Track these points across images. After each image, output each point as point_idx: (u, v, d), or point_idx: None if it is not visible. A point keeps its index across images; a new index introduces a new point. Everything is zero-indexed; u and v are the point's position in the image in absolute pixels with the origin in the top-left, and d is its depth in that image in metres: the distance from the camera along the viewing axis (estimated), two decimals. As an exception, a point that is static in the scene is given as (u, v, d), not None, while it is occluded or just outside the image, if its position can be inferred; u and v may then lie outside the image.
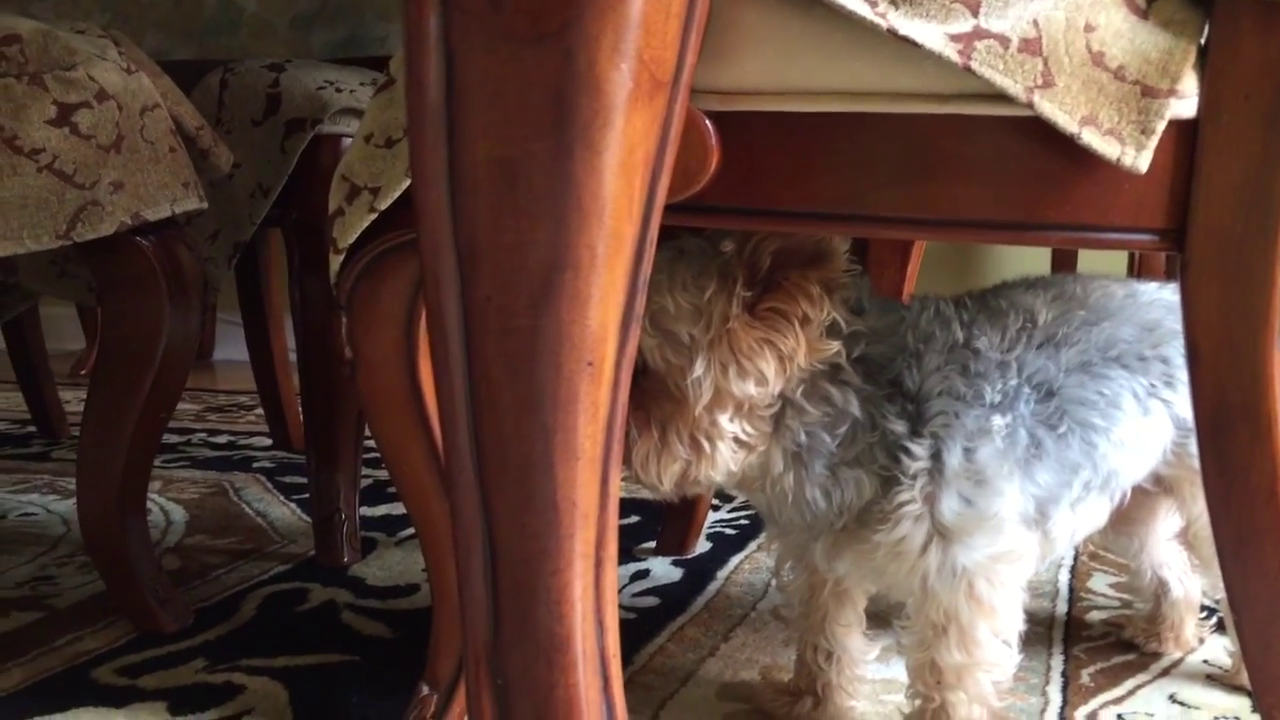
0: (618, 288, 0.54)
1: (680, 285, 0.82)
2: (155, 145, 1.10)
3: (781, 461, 0.86)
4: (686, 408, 0.83)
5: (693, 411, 0.83)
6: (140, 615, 1.18)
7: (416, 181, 0.52)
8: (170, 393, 1.16)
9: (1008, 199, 0.74)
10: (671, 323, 0.82)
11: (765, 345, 0.82)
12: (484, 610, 0.57)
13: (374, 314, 0.84)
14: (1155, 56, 0.71)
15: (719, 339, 0.81)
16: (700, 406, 0.82)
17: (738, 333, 0.82)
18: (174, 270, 1.13)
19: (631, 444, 0.83)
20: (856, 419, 0.85)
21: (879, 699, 1.03)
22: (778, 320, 0.82)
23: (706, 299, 0.82)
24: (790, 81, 0.74)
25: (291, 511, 1.63)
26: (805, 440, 0.85)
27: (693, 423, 0.83)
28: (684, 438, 0.83)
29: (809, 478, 0.86)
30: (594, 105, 0.49)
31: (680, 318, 0.82)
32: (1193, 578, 1.14)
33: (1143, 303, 0.98)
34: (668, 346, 0.82)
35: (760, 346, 0.82)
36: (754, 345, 0.82)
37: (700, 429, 0.83)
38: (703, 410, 0.83)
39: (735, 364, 0.82)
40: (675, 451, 0.83)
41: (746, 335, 0.82)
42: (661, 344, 0.82)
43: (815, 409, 0.85)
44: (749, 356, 0.82)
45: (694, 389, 0.82)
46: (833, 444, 0.85)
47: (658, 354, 0.82)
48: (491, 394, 0.54)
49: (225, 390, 2.64)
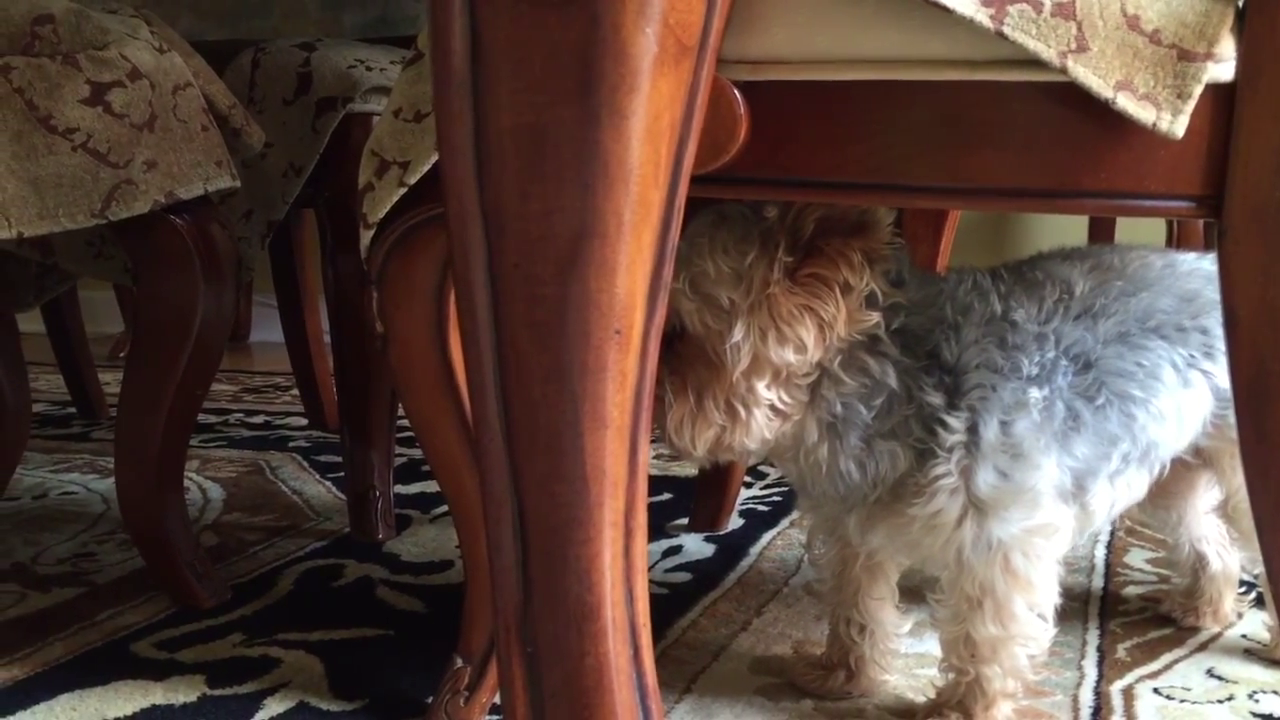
0: (645, 255, 0.53)
1: (721, 249, 0.82)
2: (188, 124, 1.11)
3: (816, 432, 0.85)
4: (724, 373, 0.82)
5: (730, 377, 0.82)
6: (178, 590, 1.20)
7: (443, 150, 0.52)
8: (205, 370, 1.17)
9: (1041, 166, 0.73)
10: (711, 286, 0.82)
11: (805, 312, 0.82)
12: (514, 579, 0.57)
13: (404, 288, 0.84)
14: (1192, 19, 0.70)
15: (759, 304, 0.81)
16: (738, 372, 0.82)
17: (778, 298, 0.81)
18: (208, 249, 1.14)
19: (666, 408, 0.83)
20: (893, 391, 0.84)
21: (912, 673, 1.03)
22: (819, 287, 0.82)
23: (748, 264, 0.81)
24: (820, 50, 0.74)
25: (327, 489, 1.64)
26: (841, 411, 0.85)
27: (730, 388, 0.83)
28: (720, 403, 0.83)
29: (844, 449, 0.86)
30: (620, 70, 0.49)
31: (720, 282, 0.81)
32: (1232, 552, 1.13)
33: (1181, 273, 0.96)
34: (707, 310, 0.82)
35: (800, 313, 0.82)
36: (794, 311, 0.81)
37: (737, 395, 0.83)
38: (740, 376, 0.82)
39: (775, 330, 0.81)
40: (710, 417, 0.83)
41: (787, 301, 0.81)
42: (701, 308, 0.82)
43: (852, 380, 0.84)
44: (789, 322, 0.81)
45: (732, 354, 0.81)
46: (868, 415, 0.85)
47: (696, 318, 0.82)
48: (519, 363, 0.54)
49: (262, 371, 2.66)
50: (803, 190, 0.78)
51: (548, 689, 0.57)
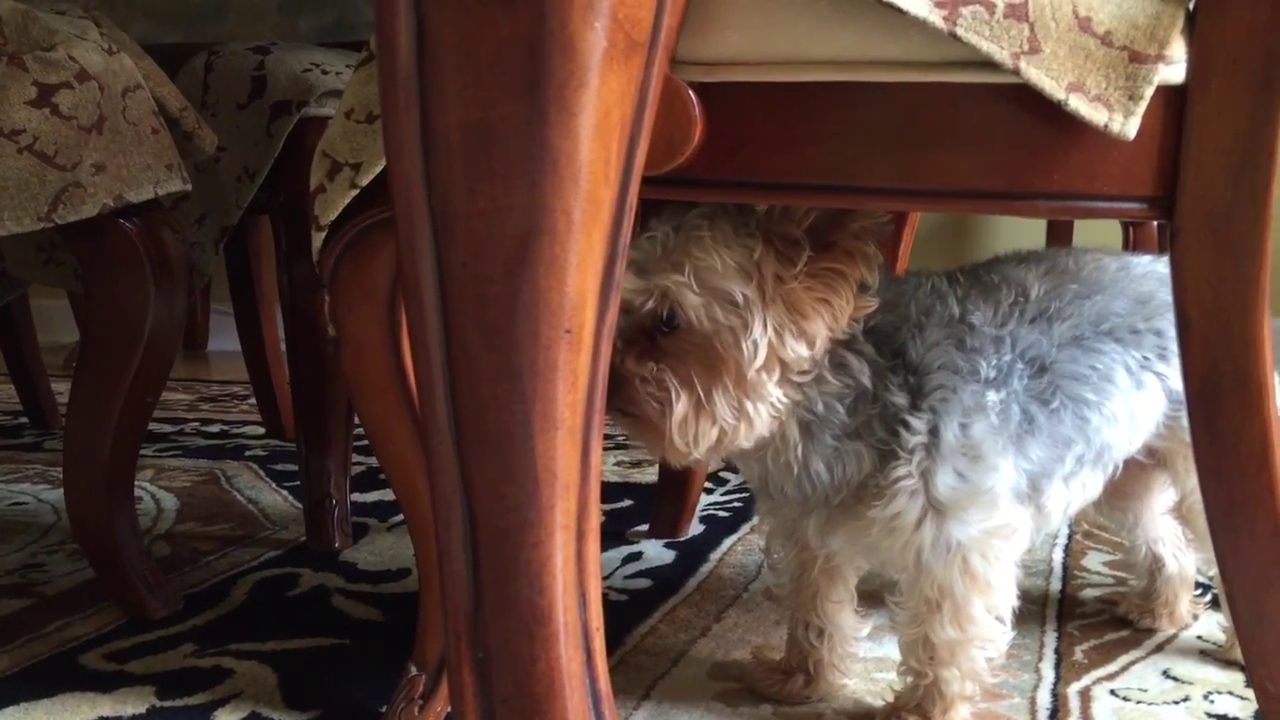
0: (596, 254, 0.53)
1: (724, 243, 0.80)
2: (138, 126, 1.09)
3: (797, 431, 0.85)
4: (733, 369, 0.80)
5: (746, 374, 0.81)
6: (129, 601, 1.18)
7: (389, 147, 0.52)
8: (156, 377, 1.15)
9: (996, 168, 0.73)
10: (720, 280, 0.80)
11: (823, 306, 0.81)
12: (464, 584, 0.56)
13: (357, 291, 0.83)
14: (1143, 21, 0.71)
15: (774, 299, 0.80)
16: (754, 369, 0.81)
17: (798, 293, 0.81)
18: (159, 253, 1.12)
19: (666, 404, 0.81)
20: (865, 389, 0.84)
21: (871, 677, 1.02)
22: (835, 279, 0.81)
23: (756, 258, 0.80)
24: (774, 51, 0.74)
25: (283, 498, 1.62)
26: (821, 410, 0.84)
27: (745, 386, 0.81)
28: (730, 401, 0.81)
29: (817, 449, 0.85)
30: (568, 65, 0.48)
31: (729, 275, 0.80)
32: (1187, 553, 1.14)
33: (1135, 275, 0.97)
34: (716, 305, 0.80)
35: (818, 308, 0.81)
36: (813, 306, 0.81)
37: (748, 393, 0.81)
38: (755, 373, 0.81)
39: (792, 325, 0.81)
40: (718, 415, 0.81)
41: (806, 296, 0.81)
42: (709, 302, 0.80)
43: (835, 378, 0.84)
44: (807, 317, 0.81)
45: (749, 350, 0.80)
46: (845, 414, 0.85)
47: (703, 312, 0.80)
48: (469, 363, 0.53)
49: (219, 380, 2.63)
50: (759, 192, 0.77)
51: (498, 696, 0.56)
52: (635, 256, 0.81)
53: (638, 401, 0.81)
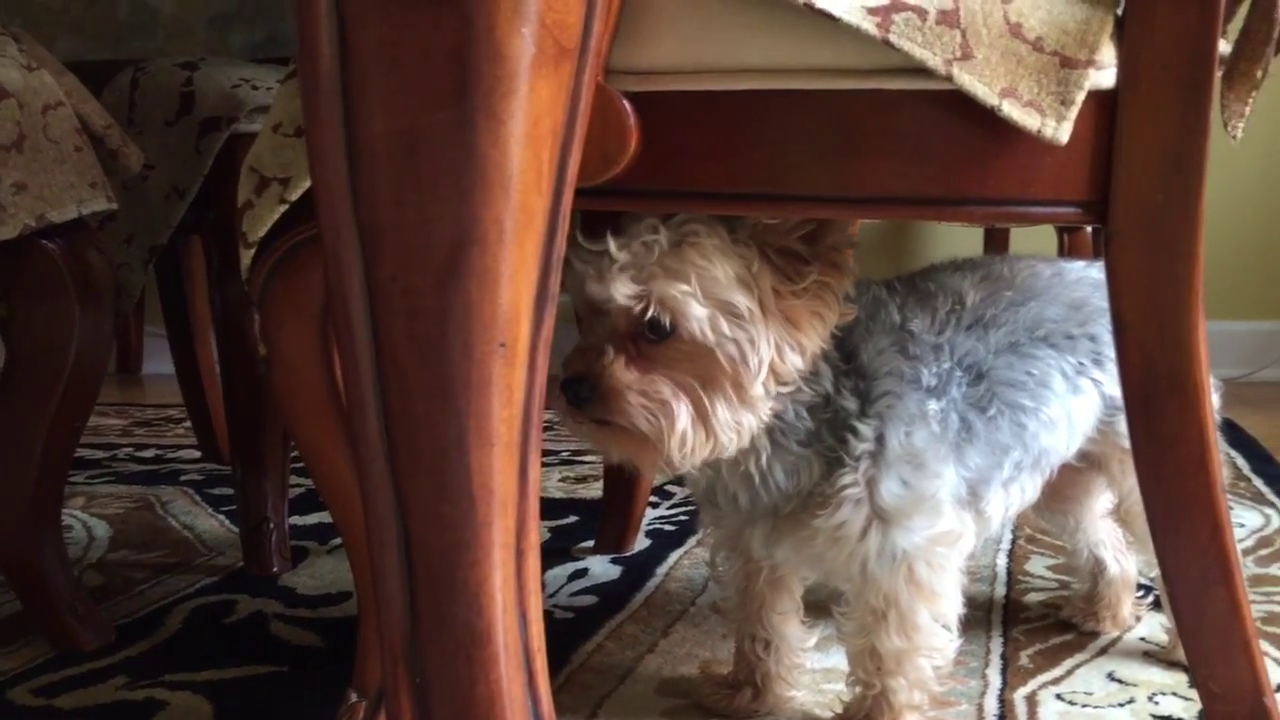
0: (529, 265, 0.52)
1: (723, 252, 0.79)
2: (60, 145, 1.07)
3: (767, 440, 0.84)
4: (735, 382, 0.79)
5: (749, 388, 0.79)
6: (58, 633, 1.14)
7: (313, 159, 0.50)
8: (83, 402, 1.12)
9: (931, 174, 0.73)
10: (724, 292, 0.78)
11: (816, 320, 0.81)
12: (400, 606, 0.55)
13: (288, 310, 0.81)
14: (1073, 27, 0.71)
15: (773, 312, 0.79)
16: (759, 381, 0.79)
17: (798, 307, 0.80)
18: (84, 275, 1.09)
19: (665, 417, 0.78)
20: (828, 395, 0.84)
21: (819, 688, 1.02)
22: (825, 293, 0.81)
23: (754, 271, 0.79)
24: (708, 60, 0.73)
25: (220, 523, 1.59)
26: (791, 418, 0.84)
27: (748, 399, 0.80)
28: (733, 413, 0.80)
29: (779, 457, 0.84)
30: (496, 72, 0.47)
31: (731, 287, 0.78)
32: (1128, 556, 1.15)
33: (1069, 281, 0.98)
34: (721, 318, 0.78)
35: (812, 321, 0.81)
36: (808, 320, 0.81)
37: (746, 405, 0.80)
38: (760, 386, 0.80)
39: (790, 339, 0.80)
40: (718, 427, 0.79)
41: (803, 309, 0.80)
42: (714, 315, 0.78)
43: (809, 387, 0.83)
44: (803, 331, 0.81)
45: (755, 365, 0.79)
46: (809, 422, 0.84)
47: (707, 325, 0.78)
48: (400, 379, 0.52)
49: (154, 404, 2.58)
50: (696, 202, 0.77)
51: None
52: (624, 260, 0.78)
53: (627, 413, 0.78)
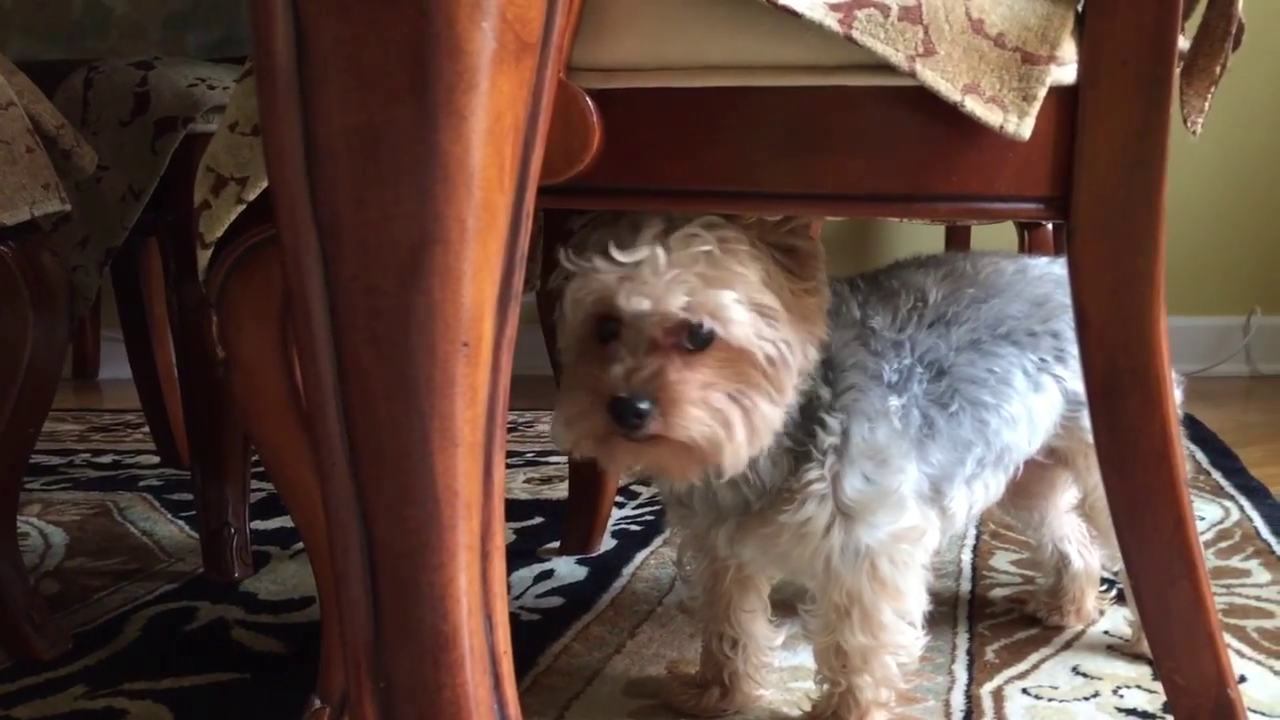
0: (492, 263, 0.51)
1: (753, 256, 0.78)
2: (11, 145, 1.04)
3: None
4: (775, 384, 0.78)
5: (788, 387, 0.79)
6: (13, 643, 1.12)
7: (270, 157, 0.49)
8: (37, 407, 1.10)
9: (894, 171, 0.73)
10: (760, 295, 0.77)
11: (820, 315, 0.81)
12: (364, 611, 0.54)
13: (247, 311, 0.80)
14: (1034, 23, 0.71)
15: (792, 309, 0.79)
16: (791, 383, 0.79)
17: (809, 302, 0.80)
18: (37, 278, 1.07)
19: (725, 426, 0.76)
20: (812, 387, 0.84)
21: (786, 686, 1.02)
22: (821, 286, 0.81)
23: (771, 273, 0.79)
24: (671, 56, 0.73)
25: (180, 529, 1.57)
26: None
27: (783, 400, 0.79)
28: (775, 413, 0.79)
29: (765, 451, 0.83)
30: (456, 67, 0.46)
31: (763, 291, 0.78)
32: (1092, 550, 1.15)
33: (1032, 278, 0.98)
34: (762, 322, 0.77)
35: (821, 313, 0.81)
36: (818, 313, 0.81)
37: (785, 404, 0.80)
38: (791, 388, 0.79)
39: (808, 333, 0.80)
40: (764, 428, 0.78)
41: (815, 305, 0.81)
42: (755, 319, 0.77)
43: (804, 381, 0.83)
44: (816, 324, 0.81)
45: (792, 363, 0.78)
46: (797, 415, 0.83)
47: (750, 330, 0.77)
48: (362, 380, 0.51)
49: (112, 409, 2.54)
50: (658, 199, 0.76)
51: (403, 726, 0.54)
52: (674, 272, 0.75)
53: (688, 427, 0.75)
